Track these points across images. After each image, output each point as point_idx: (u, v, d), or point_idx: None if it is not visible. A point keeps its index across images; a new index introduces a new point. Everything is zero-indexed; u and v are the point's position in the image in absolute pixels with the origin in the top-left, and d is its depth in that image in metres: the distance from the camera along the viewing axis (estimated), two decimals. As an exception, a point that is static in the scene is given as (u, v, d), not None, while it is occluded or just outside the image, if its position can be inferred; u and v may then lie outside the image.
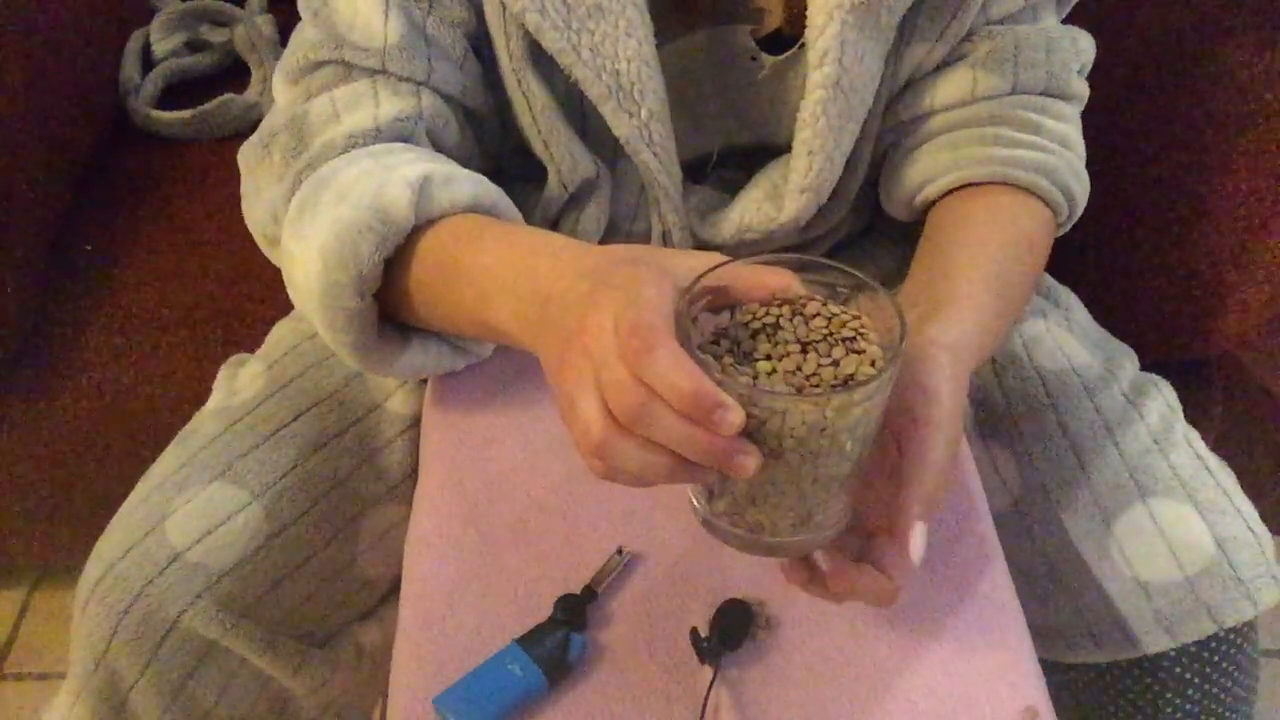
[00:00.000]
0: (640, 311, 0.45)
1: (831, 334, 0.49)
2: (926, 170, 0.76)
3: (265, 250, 0.71)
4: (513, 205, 0.66)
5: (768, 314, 0.49)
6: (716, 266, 0.49)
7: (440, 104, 0.69)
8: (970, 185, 0.74)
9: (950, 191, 0.75)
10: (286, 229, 0.65)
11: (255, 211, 0.69)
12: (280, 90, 0.71)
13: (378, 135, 0.66)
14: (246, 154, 0.70)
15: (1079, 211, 0.77)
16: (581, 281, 0.50)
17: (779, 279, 0.49)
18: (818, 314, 0.49)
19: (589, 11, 0.65)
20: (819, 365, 0.48)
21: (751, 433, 0.46)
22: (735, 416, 0.44)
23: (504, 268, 0.56)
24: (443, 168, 0.63)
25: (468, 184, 0.63)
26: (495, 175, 0.67)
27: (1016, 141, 0.74)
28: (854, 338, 0.49)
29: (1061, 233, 0.79)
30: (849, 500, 0.53)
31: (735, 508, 0.52)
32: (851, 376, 0.47)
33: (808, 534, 0.52)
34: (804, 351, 0.48)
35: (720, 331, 0.50)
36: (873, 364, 0.48)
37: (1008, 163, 0.73)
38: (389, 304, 0.65)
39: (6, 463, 1.11)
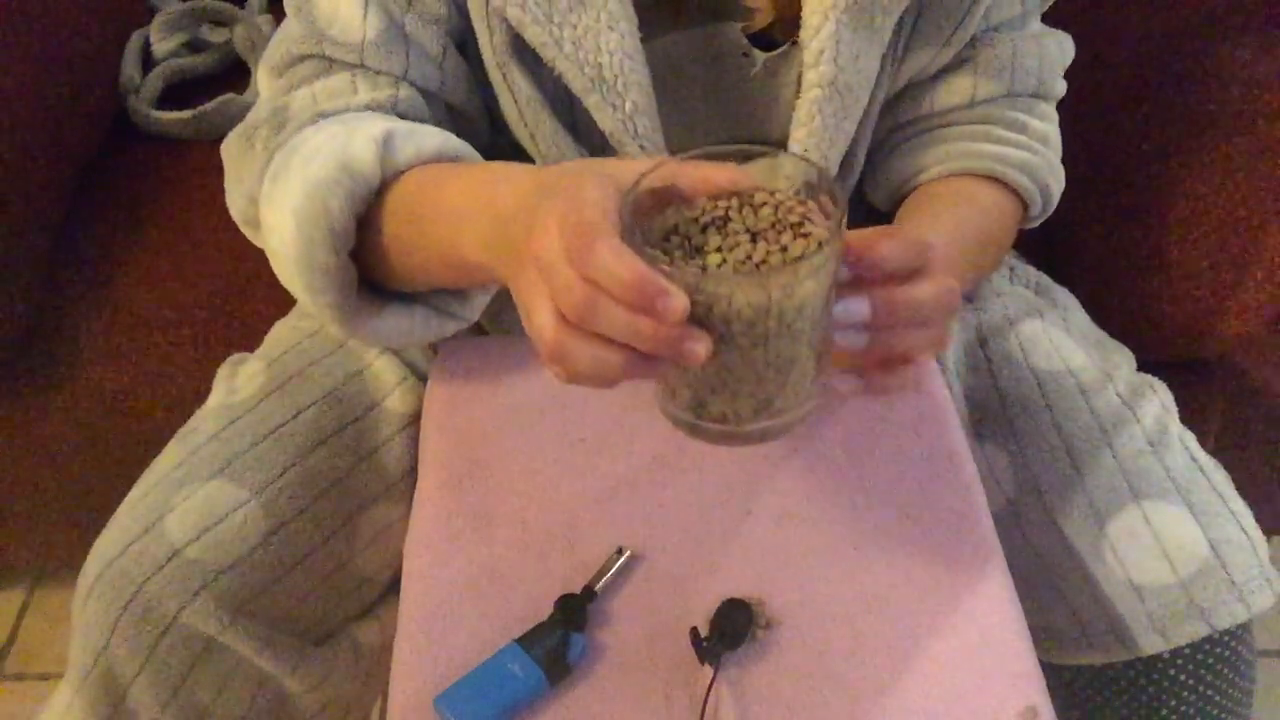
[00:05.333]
0: (581, 211, 0.46)
1: (779, 221, 0.49)
2: (919, 162, 0.79)
3: (249, 236, 0.72)
4: (478, 155, 0.66)
5: (716, 207, 0.50)
6: (658, 165, 0.50)
7: (417, 97, 0.70)
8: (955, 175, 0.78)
9: None
10: (262, 204, 0.66)
11: (237, 200, 0.70)
12: (264, 83, 0.72)
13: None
14: (230, 146, 0.71)
15: (1053, 206, 0.81)
16: (531, 196, 0.51)
17: (723, 173, 0.50)
18: (765, 203, 0.50)
19: (570, 5, 0.65)
20: (768, 253, 0.48)
21: (700, 320, 0.47)
22: (678, 302, 0.45)
23: (468, 200, 0.57)
24: (406, 124, 0.64)
25: (433, 136, 0.64)
26: None
27: (1006, 140, 0.77)
28: (801, 223, 0.49)
29: (1032, 225, 0.83)
30: (811, 384, 0.53)
31: (697, 400, 0.52)
32: (799, 259, 0.48)
33: (771, 420, 0.53)
34: (754, 240, 0.49)
35: (670, 229, 0.50)
36: (819, 245, 0.48)
37: (997, 159, 0.76)
38: (368, 266, 0.65)
39: (6, 463, 1.11)
